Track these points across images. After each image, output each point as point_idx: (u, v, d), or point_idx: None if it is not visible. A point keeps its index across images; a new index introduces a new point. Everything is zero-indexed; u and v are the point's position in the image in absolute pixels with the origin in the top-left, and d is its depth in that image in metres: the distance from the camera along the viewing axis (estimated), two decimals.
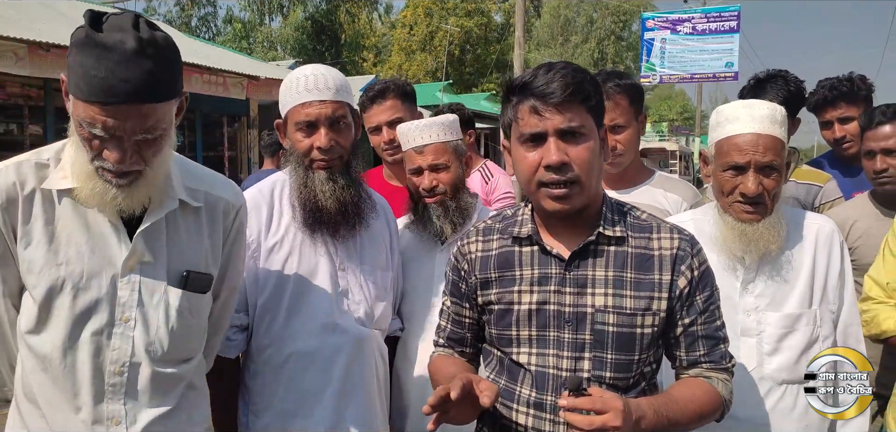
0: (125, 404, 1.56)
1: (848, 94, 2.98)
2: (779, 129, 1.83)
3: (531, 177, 1.44)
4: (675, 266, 1.48)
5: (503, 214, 1.63)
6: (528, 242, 1.53)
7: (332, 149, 2.00)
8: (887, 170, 2.46)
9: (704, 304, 1.52)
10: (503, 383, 1.54)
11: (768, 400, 1.88)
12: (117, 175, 1.46)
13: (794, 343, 1.87)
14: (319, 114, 1.98)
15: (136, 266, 1.56)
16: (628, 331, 1.46)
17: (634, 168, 2.47)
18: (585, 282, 1.47)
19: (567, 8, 47.65)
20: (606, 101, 2.32)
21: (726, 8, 19.20)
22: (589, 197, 1.46)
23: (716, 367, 1.53)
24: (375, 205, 2.16)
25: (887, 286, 2.19)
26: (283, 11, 35.76)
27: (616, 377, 1.47)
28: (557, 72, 1.41)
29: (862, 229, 2.51)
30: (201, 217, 1.68)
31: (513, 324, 1.52)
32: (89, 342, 1.53)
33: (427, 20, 35.32)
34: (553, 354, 1.48)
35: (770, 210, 1.85)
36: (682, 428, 1.45)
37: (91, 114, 1.39)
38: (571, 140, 1.41)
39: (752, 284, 1.90)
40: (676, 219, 2.12)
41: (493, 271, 1.56)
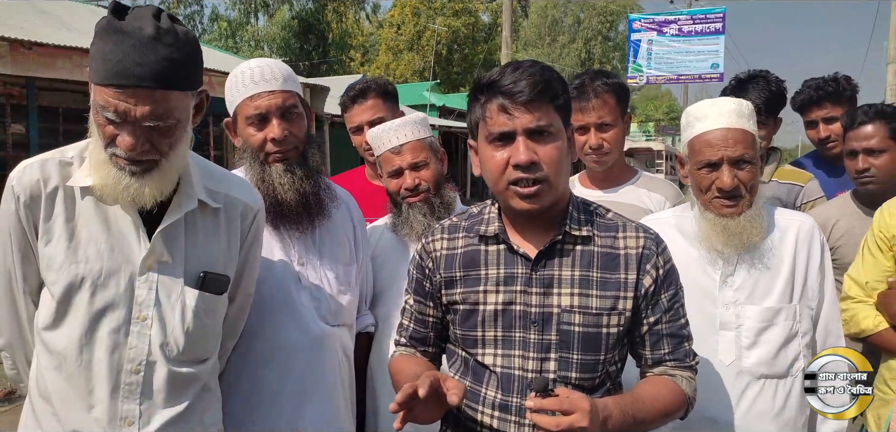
0: (140, 404, 1.57)
1: (833, 95, 3.01)
2: (747, 123, 1.86)
3: (500, 176, 1.44)
4: (641, 265, 1.48)
5: (470, 212, 1.62)
6: (495, 241, 1.52)
7: (287, 139, 1.95)
8: (869, 170, 2.48)
9: (669, 303, 1.52)
10: (468, 384, 1.53)
11: (747, 395, 1.90)
12: (130, 162, 1.46)
13: (773, 337, 1.89)
14: (270, 105, 1.93)
15: (154, 265, 1.56)
16: (594, 331, 1.46)
17: (619, 167, 2.49)
18: (552, 282, 1.47)
19: (554, 8, 47.79)
20: (594, 100, 2.36)
21: (712, 10, 19.35)
22: (557, 196, 1.46)
23: (680, 365, 1.54)
24: (336, 197, 2.11)
25: (866, 285, 2.22)
26: (268, 10, 35.58)
27: (582, 377, 1.46)
28: (525, 70, 1.41)
29: (843, 228, 2.54)
30: (220, 218, 1.68)
31: (478, 325, 1.50)
32: (106, 339, 1.53)
33: (414, 20, 35.31)
34: (519, 355, 1.47)
35: (749, 202, 1.87)
36: (648, 426, 1.45)
37: (105, 97, 1.41)
38: (540, 139, 1.41)
39: (731, 278, 1.92)
40: (658, 216, 2.15)
41: (458, 270, 1.54)
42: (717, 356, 1.91)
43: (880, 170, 2.47)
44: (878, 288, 2.20)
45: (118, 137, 1.44)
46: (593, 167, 2.47)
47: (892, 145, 2.46)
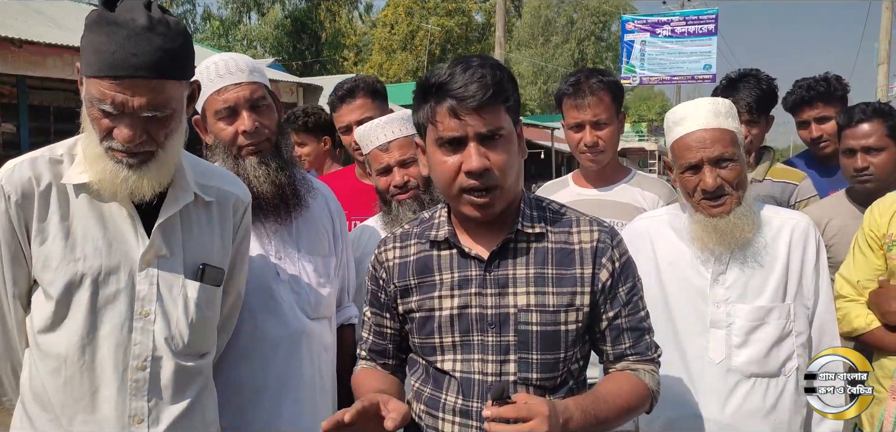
0: (149, 401, 1.55)
1: (824, 94, 3.02)
2: (725, 121, 1.85)
3: (451, 182, 1.39)
4: (596, 259, 1.46)
5: (421, 218, 1.58)
6: (446, 245, 1.48)
7: (258, 131, 1.92)
8: (868, 169, 2.47)
9: (627, 296, 1.49)
10: (429, 391, 1.50)
11: (736, 393, 1.89)
12: (128, 154, 1.45)
13: (765, 336, 1.89)
14: (238, 98, 1.90)
15: (153, 260, 1.55)
16: (552, 329, 1.43)
17: (613, 166, 2.49)
18: (507, 282, 1.44)
19: (547, 8, 47.88)
20: (590, 97, 2.36)
21: (704, 11, 19.46)
22: (509, 198, 1.43)
23: (642, 359, 1.51)
24: (313, 188, 2.09)
25: (858, 284, 2.22)
26: (261, 9, 35.48)
27: (543, 377, 1.44)
28: (476, 71, 1.35)
29: (837, 227, 2.54)
30: (213, 212, 1.67)
31: (435, 331, 1.47)
32: (109, 337, 1.51)
33: (408, 19, 35.30)
34: (478, 359, 1.44)
35: (738, 199, 1.86)
36: (612, 424, 1.42)
37: (101, 89, 1.40)
38: (491, 144, 1.37)
39: (722, 276, 1.92)
40: (652, 214, 2.16)
41: (412, 278, 1.50)
42: (707, 353, 1.91)
43: (879, 169, 2.47)
44: (869, 286, 2.21)
45: (115, 130, 1.43)
46: (588, 165, 2.47)
47: (889, 143, 2.47)
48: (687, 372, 1.93)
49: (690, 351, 1.93)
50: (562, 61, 45.90)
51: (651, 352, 1.53)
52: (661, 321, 1.96)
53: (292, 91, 13.45)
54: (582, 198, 2.50)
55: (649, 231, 2.05)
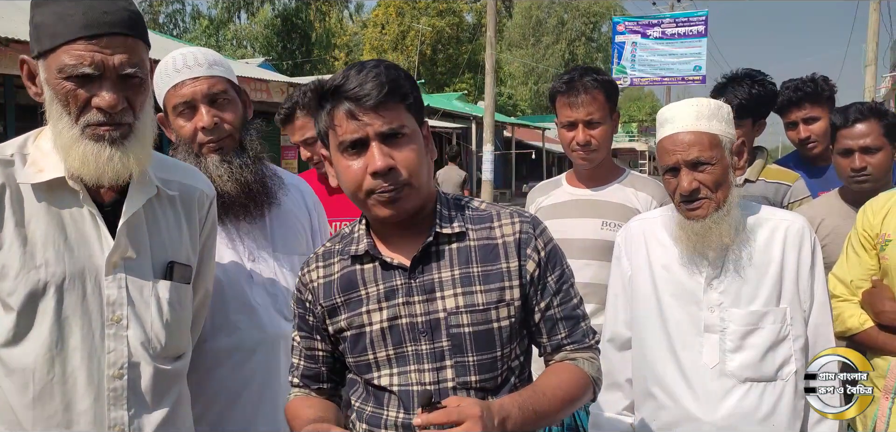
0: (129, 410, 1.47)
1: (812, 95, 3.02)
2: (706, 124, 1.84)
3: (358, 186, 1.35)
4: (521, 250, 1.42)
5: (342, 233, 1.53)
6: (368, 259, 1.44)
7: (218, 127, 1.85)
8: (866, 169, 2.47)
9: (557, 285, 1.46)
10: (370, 410, 1.45)
11: (731, 398, 1.87)
12: (111, 126, 1.39)
13: (759, 341, 1.87)
14: (194, 92, 1.84)
15: (119, 262, 1.47)
16: (485, 328, 1.39)
17: (606, 165, 2.47)
18: (433, 287, 1.40)
19: (538, 9, 47.99)
20: (583, 95, 2.33)
21: (694, 13, 19.56)
22: (422, 198, 1.39)
23: (580, 347, 1.48)
24: (285, 184, 2.02)
25: (851, 283, 2.23)
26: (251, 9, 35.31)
27: (482, 379, 1.40)
28: (370, 71, 1.32)
29: (830, 227, 2.55)
30: (177, 207, 1.61)
31: (368, 347, 1.42)
32: (80, 347, 1.43)
33: (399, 20, 35.25)
34: (414, 370, 1.40)
35: (718, 203, 1.85)
36: (554, 416, 1.39)
37: (76, 53, 1.34)
38: (394, 142, 1.33)
39: (716, 280, 1.90)
40: (646, 216, 2.15)
41: (338, 296, 1.45)
42: (701, 358, 1.90)
43: (876, 169, 2.47)
44: (862, 286, 2.21)
45: (94, 98, 1.36)
46: (581, 164, 2.45)
47: (886, 143, 2.47)
48: (682, 376, 1.91)
49: (684, 355, 1.91)
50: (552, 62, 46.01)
51: (588, 339, 1.50)
52: (655, 324, 1.97)
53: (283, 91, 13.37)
54: (575, 197, 2.48)
55: (644, 233, 2.04)
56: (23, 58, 1.43)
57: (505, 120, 24.63)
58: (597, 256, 2.33)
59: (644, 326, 2.00)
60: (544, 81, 46.73)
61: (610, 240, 2.27)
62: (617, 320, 2.08)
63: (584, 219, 2.40)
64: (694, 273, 1.92)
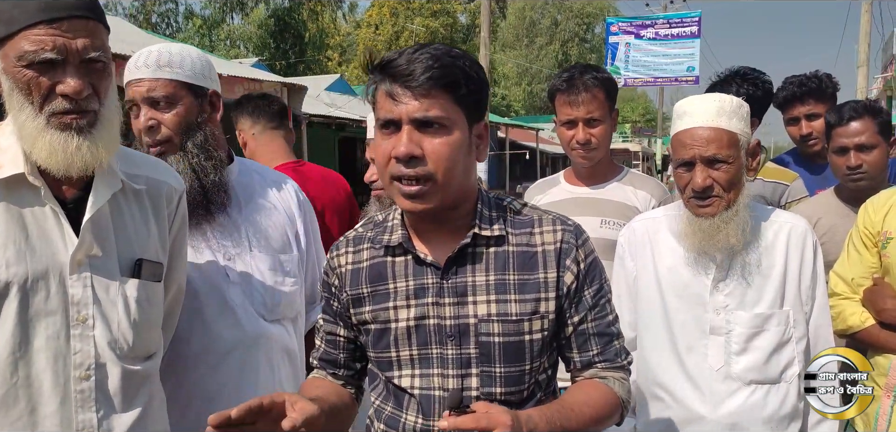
0: (97, 412, 1.43)
1: (816, 91, 3.01)
2: (726, 121, 1.81)
3: (384, 168, 1.29)
4: (561, 261, 1.35)
5: (375, 220, 1.47)
6: (401, 251, 1.38)
7: (153, 129, 1.81)
8: (861, 167, 2.47)
9: (594, 299, 1.39)
10: (389, 410, 1.41)
11: (735, 399, 1.86)
12: (77, 114, 1.34)
13: (764, 343, 1.86)
14: (135, 95, 1.82)
15: (84, 260, 1.42)
16: (516, 340, 1.33)
17: (606, 164, 2.46)
18: (465, 290, 1.33)
19: (532, 10, 48.06)
20: (584, 94, 2.31)
21: (688, 14, 19.64)
22: (452, 196, 1.31)
23: (611, 366, 1.41)
24: (261, 180, 1.98)
25: (852, 282, 2.22)
26: (244, 9, 35.21)
27: (508, 391, 1.34)
28: (423, 52, 1.25)
29: (827, 226, 2.54)
30: (144, 201, 1.55)
31: (391, 345, 1.37)
32: (44, 349, 1.38)
33: (393, 20, 35.22)
34: (437, 374, 1.34)
35: (728, 203, 1.82)
36: None
37: (37, 38, 1.29)
38: (429, 131, 1.25)
39: (722, 283, 1.89)
40: (650, 215, 2.13)
41: (365, 286, 1.40)
42: (706, 360, 1.88)
43: (872, 166, 2.46)
44: (863, 284, 2.20)
45: (59, 85, 1.32)
46: (580, 163, 2.43)
47: (880, 141, 2.46)
48: (687, 377, 1.90)
49: (689, 356, 1.90)
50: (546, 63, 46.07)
51: (621, 359, 1.43)
52: (660, 326, 1.96)
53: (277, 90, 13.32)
54: (573, 195, 2.46)
55: (649, 233, 2.02)
56: None
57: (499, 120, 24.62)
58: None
59: (649, 327, 1.98)
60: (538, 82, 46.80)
61: (609, 239, 2.25)
62: (620, 321, 2.05)
63: (583, 217, 2.37)
64: (700, 275, 1.90)
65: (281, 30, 33.40)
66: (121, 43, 10.59)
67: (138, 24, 27.38)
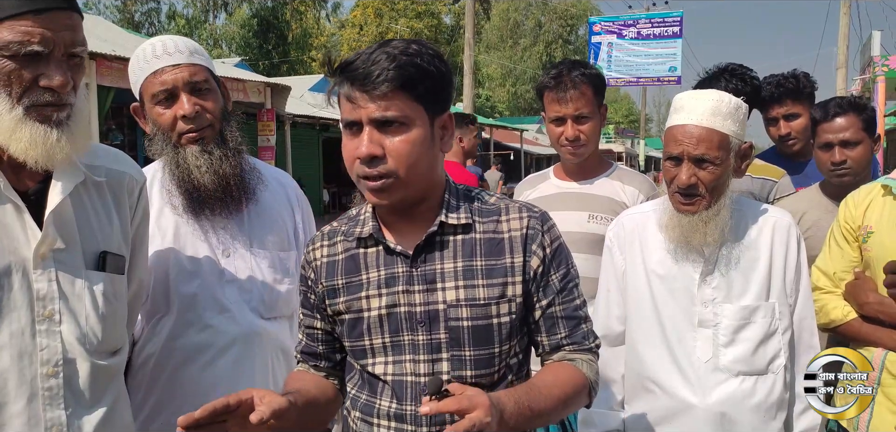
0: (66, 409, 1.40)
1: (793, 91, 3.04)
2: (720, 122, 1.82)
3: (350, 167, 1.34)
4: (527, 246, 1.39)
5: (349, 215, 1.52)
6: (372, 242, 1.42)
7: (199, 116, 1.79)
8: (845, 162, 2.49)
9: (561, 283, 1.43)
10: (364, 398, 1.44)
11: (725, 389, 1.89)
12: (57, 107, 1.33)
13: (751, 335, 1.89)
14: (176, 80, 1.78)
15: (48, 254, 1.38)
16: (484, 323, 1.37)
17: (594, 159, 2.47)
18: (434, 277, 1.37)
19: (516, 11, 48.19)
20: (572, 91, 2.32)
21: (669, 14, 19.80)
22: (416, 189, 1.35)
23: (579, 348, 1.45)
24: (264, 177, 1.98)
25: (834, 276, 2.25)
26: (227, 8, 34.97)
27: (478, 374, 1.38)
28: (379, 53, 1.27)
29: (811, 221, 2.57)
30: (105, 193, 1.52)
31: (365, 333, 1.40)
32: (9, 345, 1.34)
33: (377, 21, 35.17)
34: (409, 360, 1.38)
35: (709, 202, 1.85)
36: (549, 416, 1.37)
37: (21, 30, 1.27)
38: (389, 130, 1.29)
39: (710, 276, 1.91)
40: (639, 208, 2.15)
41: (340, 278, 1.43)
42: (694, 353, 1.91)
43: (856, 162, 2.49)
44: (845, 278, 2.23)
45: (42, 78, 1.30)
46: (569, 159, 2.45)
47: (865, 136, 2.49)
48: (677, 369, 1.92)
49: (679, 349, 1.92)
50: (530, 64, 46.24)
51: (588, 341, 1.47)
52: (649, 319, 1.97)
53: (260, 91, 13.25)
54: (562, 190, 2.48)
55: (637, 227, 2.03)
56: None
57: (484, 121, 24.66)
58: (584, 249, 2.33)
59: (639, 321, 2.00)
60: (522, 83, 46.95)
61: (597, 233, 2.27)
62: (610, 315, 2.07)
63: (571, 211, 2.40)
64: (687, 268, 1.93)
65: (264, 30, 33.21)
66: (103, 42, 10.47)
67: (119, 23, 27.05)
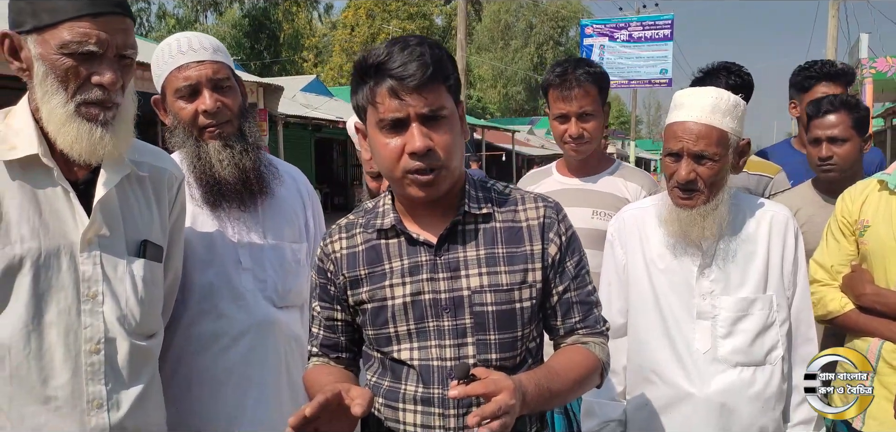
0: (107, 385, 1.49)
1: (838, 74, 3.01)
2: (719, 119, 1.86)
3: (395, 165, 1.36)
4: (545, 234, 1.46)
5: (364, 207, 1.56)
6: (394, 233, 1.46)
7: (220, 111, 1.85)
8: (831, 158, 2.55)
9: (575, 270, 1.50)
10: (387, 384, 1.47)
11: (724, 378, 1.92)
12: (105, 107, 1.41)
13: (749, 326, 1.92)
14: (199, 76, 1.83)
15: (94, 239, 1.49)
16: (508, 308, 1.42)
17: (597, 157, 2.51)
18: (458, 265, 1.42)
19: (507, 13, 48.26)
20: (576, 89, 2.35)
21: (660, 16, 19.92)
22: (454, 179, 1.42)
23: (592, 332, 1.52)
24: (279, 173, 2.04)
25: (831, 269, 2.30)
26: (218, 8, 34.83)
27: (502, 357, 1.43)
28: (414, 50, 1.31)
29: (805, 216, 2.62)
30: (148, 187, 1.62)
31: (389, 321, 1.44)
32: (57, 322, 1.44)
33: (369, 22, 35.15)
34: (435, 345, 1.42)
35: (708, 197, 1.89)
36: (565, 396, 1.44)
37: (81, 30, 1.36)
38: (434, 124, 1.34)
39: (708, 269, 1.95)
40: (639, 204, 2.18)
41: (362, 268, 1.47)
42: (693, 344, 1.94)
43: (842, 159, 2.54)
44: (842, 271, 2.28)
45: (94, 76, 1.39)
46: (572, 156, 2.49)
47: (854, 135, 2.54)
48: (677, 360, 1.96)
49: (679, 340, 1.96)
50: (521, 65, 46.34)
51: (600, 325, 1.54)
52: (650, 311, 2.01)
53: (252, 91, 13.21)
54: (565, 186, 2.51)
55: (637, 222, 2.07)
56: (5, 32, 1.42)
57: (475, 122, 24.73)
58: (588, 245, 2.33)
59: (639, 313, 2.04)
60: (513, 85, 47.06)
61: (600, 229, 2.30)
62: (611, 308, 2.10)
63: (575, 207, 2.43)
64: (686, 261, 1.96)
65: (256, 30, 33.10)
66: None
67: None
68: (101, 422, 1.48)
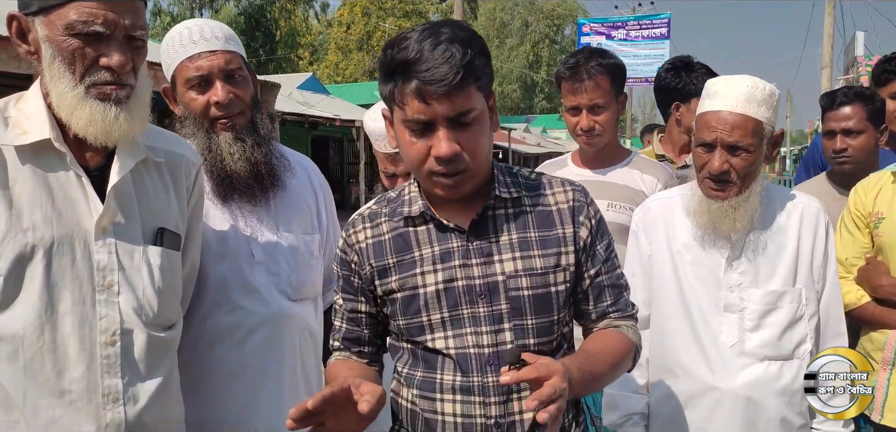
0: (123, 378, 1.43)
1: None
2: (755, 108, 1.82)
3: (420, 165, 1.33)
4: (575, 217, 1.45)
5: (387, 197, 1.51)
6: (422, 220, 1.42)
7: (232, 103, 1.81)
8: (846, 150, 2.55)
9: (606, 253, 1.49)
10: (421, 374, 1.43)
11: (751, 373, 1.89)
12: (118, 86, 1.37)
13: (777, 319, 1.89)
14: (212, 66, 1.79)
15: (109, 227, 1.43)
16: (544, 292, 1.40)
17: (612, 148, 2.49)
18: (491, 251, 1.40)
19: (502, 11, 48.28)
20: (588, 81, 2.33)
21: (657, 15, 19.98)
22: (481, 177, 1.39)
23: (624, 315, 1.51)
24: (291, 165, 2.00)
25: (846, 261, 2.30)
26: (213, 6, 34.73)
27: (540, 342, 1.40)
28: (445, 50, 1.24)
29: None
30: (165, 173, 1.57)
31: (421, 310, 1.40)
32: (71, 313, 1.39)
33: (364, 20, 35.13)
34: (471, 332, 1.39)
35: (740, 189, 1.85)
36: (604, 380, 1.44)
37: (88, 10, 1.32)
38: (461, 127, 1.30)
39: (736, 261, 1.91)
40: (665, 194, 2.14)
41: (390, 256, 1.43)
42: (720, 337, 1.91)
43: (856, 151, 2.54)
44: (857, 263, 2.28)
45: (102, 58, 1.35)
46: (584, 148, 2.48)
47: (869, 127, 2.54)
48: (702, 354, 1.93)
49: (705, 333, 1.93)
50: (517, 63, 46.37)
51: (631, 309, 1.54)
52: (675, 303, 1.97)
53: None
54: (580, 178, 2.48)
55: (663, 212, 2.04)
56: (12, 13, 1.38)
57: None
58: None
59: (664, 305, 2.00)
60: (509, 83, 47.07)
61: (616, 222, 2.28)
62: (635, 299, 2.05)
63: None
64: (714, 253, 1.93)
65: (251, 28, 33.02)
66: None
67: None
68: (118, 417, 1.43)
